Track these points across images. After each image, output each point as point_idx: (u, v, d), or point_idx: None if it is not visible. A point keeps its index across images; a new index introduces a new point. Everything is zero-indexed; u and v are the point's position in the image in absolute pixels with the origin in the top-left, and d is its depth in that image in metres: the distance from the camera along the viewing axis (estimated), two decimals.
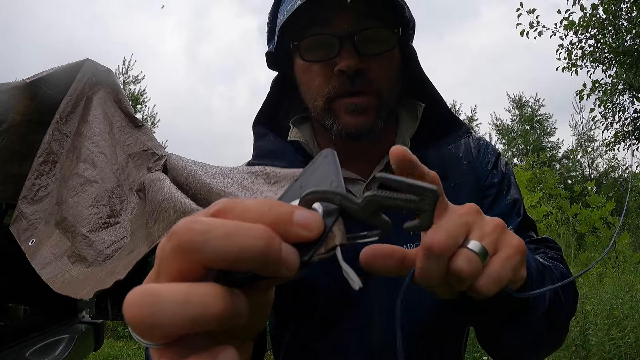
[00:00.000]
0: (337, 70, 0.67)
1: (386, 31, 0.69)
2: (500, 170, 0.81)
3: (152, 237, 0.61)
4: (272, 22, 0.78)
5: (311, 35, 0.69)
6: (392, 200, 0.28)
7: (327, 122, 0.72)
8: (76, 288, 0.65)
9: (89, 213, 0.80)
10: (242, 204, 0.26)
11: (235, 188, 0.46)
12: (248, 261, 0.24)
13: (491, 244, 0.40)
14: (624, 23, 5.72)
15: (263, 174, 0.47)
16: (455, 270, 0.38)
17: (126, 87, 11.21)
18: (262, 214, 0.26)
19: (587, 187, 6.94)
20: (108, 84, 1.08)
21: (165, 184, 0.65)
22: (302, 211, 0.27)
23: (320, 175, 0.31)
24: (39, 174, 0.96)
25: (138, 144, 0.92)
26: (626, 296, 3.48)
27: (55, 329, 2.23)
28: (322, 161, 0.32)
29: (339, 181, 0.30)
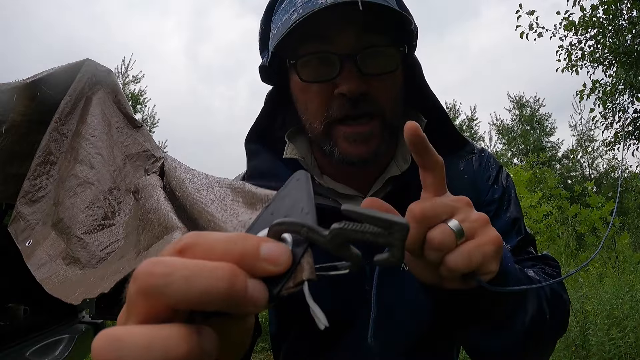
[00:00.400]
0: (337, 93, 0.62)
1: (391, 49, 0.64)
2: (501, 185, 0.78)
3: (139, 246, 0.61)
4: (265, 31, 0.73)
5: (309, 54, 0.63)
6: (360, 233, 0.27)
7: (326, 148, 0.67)
8: (67, 291, 0.65)
9: (84, 215, 0.80)
10: (207, 239, 0.26)
11: (215, 206, 0.46)
12: (212, 303, 0.24)
13: (470, 229, 0.43)
14: (623, 23, 5.71)
15: (242, 191, 0.47)
16: (429, 238, 0.42)
17: (126, 87, 11.22)
18: (227, 250, 0.25)
19: (587, 187, 6.93)
20: (108, 84, 1.08)
21: (155, 192, 0.65)
22: (270, 244, 0.26)
23: (292, 201, 0.30)
24: (37, 174, 0.96)
25: (136, 145, 0.92)
26: (626, 296, 3.48)
27: (55, 329, 2.23)
28: (294, 185, 0.32)
29: (310, 208, 0.29)
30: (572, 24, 5.96)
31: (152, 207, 0.60)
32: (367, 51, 0.62)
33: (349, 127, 0.64)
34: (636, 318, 3.28)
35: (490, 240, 0.44)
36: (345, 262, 0.30)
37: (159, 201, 0.61)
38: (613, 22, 5.75)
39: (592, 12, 5.83)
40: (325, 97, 0.64)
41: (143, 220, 0.62)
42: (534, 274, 0.64)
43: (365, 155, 0.65)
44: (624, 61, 5.63)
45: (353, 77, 0.61)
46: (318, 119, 0.66)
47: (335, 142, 0.66)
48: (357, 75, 0.61)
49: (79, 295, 0.62)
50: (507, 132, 16.39)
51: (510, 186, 0.80)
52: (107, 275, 0.62)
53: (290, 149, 0.75)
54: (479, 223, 0.44)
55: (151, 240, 0.56)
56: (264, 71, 0.74)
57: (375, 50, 0.62)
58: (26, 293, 1.47)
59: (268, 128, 0.79)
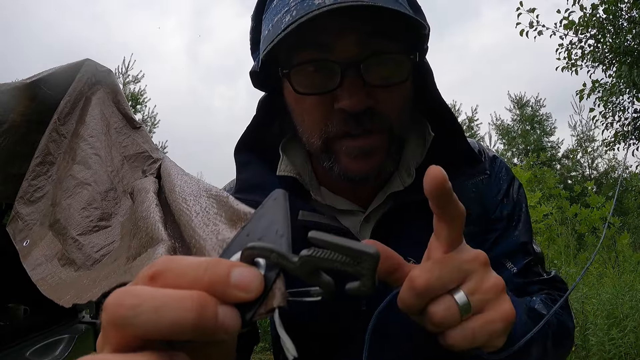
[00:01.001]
0: (338, 108, 0.55)
1: (401, 56, 0.56)
2: (512, 199, 0.71)
3: (129, 252, 0.61)
4: (256, 29, 0.64)
5: (305, 62, 0.55)
6: (329, 262, 0.27)
7: (325, 163, 0.60)
8: (60, 293, 0.64)
9: (81, 216, 0.79)
10: (179, 265, 0.26)
11: (199, 220, 0.46)
12: (182, 332, 0.24)
13: (479, 302, 0.38)
14: (624, 23, 5.71)
15: (225, 205, 0.47)
16: (430, 312, 0.37)
17: (126, 87, 11.21)
18: (197, 277, 0.25)
19: (587, 187, 6.93)
20: (107, 84, 1.08)
21: (148, 197, 0.64)
22: (240, 270, 0.26)
23: (267, 222, 0.30)
24: (36, 174, 0.96)
25: (134, 146, 0.92)
26: (626, 296, 3.48)
27: (55, 329, 2.23)
28: (270, 204, 0.31)
29: (284, 230, 0.28)
30: (572, 23, 5.96)
31: (142, 214, 0.60)
32: (372, 59, 0.53)
33: (352, 140, 0.57)
34: (636, 318, 3.28)
35: (500, 317, 0.39)
36: (318, 289, 0.29)
37: (149, 208, 0.60)
38: (613, 21, 5.75)
39: (592, 11, 5.83)
40: (324, 111, 0.56)
41: (135, 226, 0.62)
42: (542, 305, 0.59)
43: (367, 172, 0.59)
44: (624, 61, 5.63)
45: (356, 89, 0.53)
46: (316, 134, 0.58)
47: (337, 157, 0.59)
48: (361, 86, 0.53)
49: (70, 298, 0.62)
50: (507, 132, 16.38)
51: (521, 199, 0.73)
52: (99, 279, 0.62)
53: (284, 165, 0.67)
54: (491, 294, 0.39)
55: (139, 249, 0.56)
56: (255, 77, 0.66)
57: (382, 57, 0.54)
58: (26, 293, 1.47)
59: (262, 137, 0.72)
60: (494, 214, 0.70)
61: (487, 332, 0.38)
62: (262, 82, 0.67)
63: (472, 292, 0.38)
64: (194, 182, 0.59)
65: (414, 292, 0.37)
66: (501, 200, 0.71)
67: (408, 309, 0.39)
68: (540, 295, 0.65)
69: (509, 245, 0.69)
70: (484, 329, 0.38)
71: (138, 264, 0.54)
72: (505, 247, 0.69)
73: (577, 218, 5.23)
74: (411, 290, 0.37)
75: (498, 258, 0.68)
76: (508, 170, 0.74)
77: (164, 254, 0.50)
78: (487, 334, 0.38)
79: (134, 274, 0.51)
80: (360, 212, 0.68)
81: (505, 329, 0.39)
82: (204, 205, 0.49)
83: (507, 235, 0.69)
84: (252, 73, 0.66)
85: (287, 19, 0.52)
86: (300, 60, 0.55)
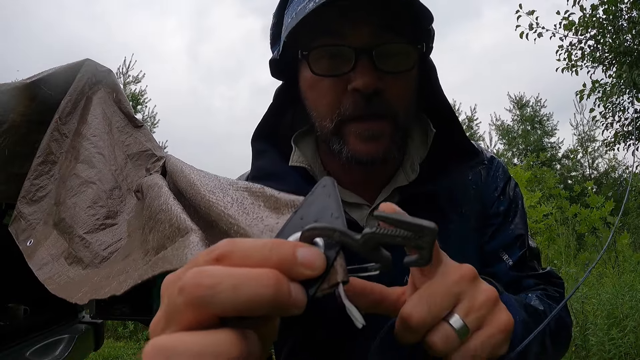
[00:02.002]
0: (351, 89, 0.59)
1: (409, 47, 0.61)
2: (508, 197, 0.75)
3: (147, 245, 0.60)
4: (277, 25, 0.71)
5: (323, 45, 0.60)
6: (391, 237, 0.29)
7: (335, 147, 0.64)
8: (71, 291, 0.64)
9: (87, 214, 0.79)
10: (243, 246, 0.27)
11: (235, 209, 0.46)
12: (259, 308, 0.25)
13: (476, 320, 0.38)
14: (623, 23, 5.71)
15: (263, 195, 0.46)
16: (429, 344, 0.37)
17: (126, 87, 11.21)
18: (265, 257, 0.26)
19: (586, 187, 6.94)
20: (108, 83, 1.08)
21: (163, 191, 0.64)
22: (305, 249, 0.27)
23: (320, 206, 0.32)
24: (38, 174, 0.96)
25: (137, 145, 0.92)
26: (626, 296, 3.48)
27: (55, 329, 2.24)
28: (321, 191, 0.33)
29: (339, 213, 0.31)
30: (572, 23, 5.96)
31: (162, 207, 0.60)
32: (383, 47, 0.59)
33: (362, 123, 0.61)
34: (636, 318, 3.28)
35: (499, 330, 0.38)
36: (376, 264, 0.31)
37: (168, 202, 0.60)
38: (613, 22, 5.76)
39: (592, 12, 5.83)
40: (338, 93, 0.61)
41: (151, 219, 0.61)
42: (538, 302, 0.61)
43: (375, 154, 0.62)
44: (624, 61, 5.63)
45: (368, 71, 0.58)
46: (329, 116, 0.63)
47: (346, 140, 0.63)
48: (373, 70, 0.58)
49: (84, 295, 0.61)
50: (507, 132, 16.39)
51: (517, 197, 0.77)
52: (113, 275, 0.62)
53: (296, 156, 0.72)
54: (486, 308, 0.38)
55: (162, 241, 0.56)
56: (275, 65, 0.72)
57: (392, 46, 0.59)
58: (26, 293, 1.47)
59: (276, 126, 0.76)
60: (491, 210, 0.74)
61: (489, 347, 0.38)
62: (280, 70, 0.72)
63: (467, 313, 0.37)
64: (213, 177, 0.59)
65: (409, 330, 0.37)
66: (498, 197, 0.75)
67: (405, 342, 0.39)
68: (536, 291, 0.67)
69: (505, 238, 0.72)
70: (486, 345, 0.38)
71: (170, 255, 0.52)
72: (501, 240, 0.72)
73: (577, 218, 5.23)
74: (406, 329, 0.37)
75: (494, 250, 0.72)
76: (505, 170, 0.78)
77: (198, 242, 0.49)
78: (489, 348, 0.38)
79: (165, 265, 0.51)
80: (367, 206, 0.71)
81: (506, 339, 0.39)
82: (235, 197, 0.49)
83: (503, 229, 0.73)
84: (271, 61, 0.71)
85: (311, 5, 0.57)
86: (320, 44, 0.61)
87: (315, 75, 0.62)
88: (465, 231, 0.72)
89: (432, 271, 0.38)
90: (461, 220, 0.72)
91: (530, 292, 0.67)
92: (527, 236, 0.74)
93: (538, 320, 0.52)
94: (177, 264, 0.47)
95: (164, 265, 0.51)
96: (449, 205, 0.72)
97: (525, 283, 0.70)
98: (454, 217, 0.72)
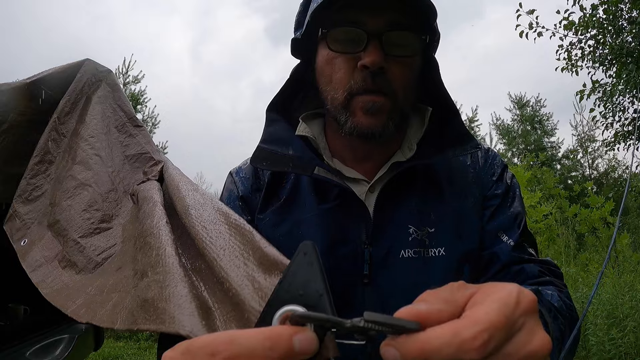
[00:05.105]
0: (361, 65, 0.68)
1: (413, 36, 0.70)
2: (505, 183, 0.81)
3: (136, 265, 0.59)
4: (303, 12, 0.79)
5: (341, 26, 0.70)
6: (377, 331, 0.31)
7: (341, 118, 0.72)
8: (66, 300, 0.63)
9: (81, 218, 0.78)
10: (242, 346, 0.28)
11: (226, 261, 0.46)
12: None
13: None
14: (624, 23, 5.71)
15: (251, 243, 0.46)
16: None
17: (126, 88, 11.21)
18: (268, 356, 0.28)
19: (586, 187, 6.93)
20: (108, 83, 1.08)
21: (156, 211, 0.63)
22: (300, 337, 0.29)
23: (304, 278, 0.34)
24: (34, 173, 0.95)
25: (135, 146, 0.91)
26: (626, 296, 3.48)
27: (55, 329, 2.23)
28: (302, 259, 0.35)
29: (323, 288, 0.33)
30: (572, 23, 5.95)
31: (152, 230, 0.59)
32: (391, 33, 0.68)
33: (368, 96, 0.69)
34: (636, 318, 3.28)
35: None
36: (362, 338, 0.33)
37: (159, 225, 0.60)
38: (613, 22, 5.75)
39: (592, 11, 5.82)
40: (350, 69, 0.70)
41: (141, 237, 0.61)
42: (560, 302, 0.64)
43: (374, 128, 0.70)
44: (624, 62, 5.62)
45: (377, 52, 0.67)
46: (341, 89, 0.71)
47: (353, 112, 0.71)
48: (380, 51, 0.67)
49: (78, 308, 0.60)
50: (508, 132, 16.38)
51: (514, 185, 0.82)
52: (107, 290, 0.60)
53: (302, 128, 0.81)
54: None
55: (145, 267, 0.55)
56: (295, 45, 0.81)
57: (400, 34, 0.68)
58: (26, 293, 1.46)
59: (289, 102, 0.85)
60: (488, 192, 0.80)
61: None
62: (299, 50, 0.82)
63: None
64: (207, 202, 0.59)
65: None
66: (495, 181, 0.81)
67: None
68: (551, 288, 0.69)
69: (504, 220, 0.77)
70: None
71: (144, 287, 0.52)
72: (500, 222, 0.77)
73: (577, 218, 5.23)
74: None
75: (495, 231, 0.77)
76: (501, 159, 0.85)
77: (192, 317, 0.45)
78: None
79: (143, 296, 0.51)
80: (365, 181, 0.78)
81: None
82: (226, 238, 0.49)
83: (502, 211, 0.78)
84: (293, 40, 0.81)
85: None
86: (339, 24, 0.70)
87: (331, 52, 0.72)
88: (464, 211, 0.77)
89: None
90: (460, 200, 0.77)
91: (549, 289, 0.68)
92: (525, 219, 0.79)
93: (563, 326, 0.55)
94: (167, 326, 0.45)
95: (135, 301, 0.51)
96: (449, 187, 0.78)
97: (529, 269, 0.72)
98: (454, 197, 0.77)
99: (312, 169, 0.73)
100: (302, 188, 0.79)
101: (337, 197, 0.75)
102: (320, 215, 0.75)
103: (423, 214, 0.75)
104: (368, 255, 0.72)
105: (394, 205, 0.75)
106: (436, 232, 0.74)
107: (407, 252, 0.72)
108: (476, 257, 0.75)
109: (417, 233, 0.73)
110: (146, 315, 0.49)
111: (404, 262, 0.72)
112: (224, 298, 0.45)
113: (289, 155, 0.76)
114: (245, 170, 0.88)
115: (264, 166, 0.77)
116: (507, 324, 0.31)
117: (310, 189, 0.78)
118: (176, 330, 0.43)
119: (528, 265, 0.73)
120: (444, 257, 0.73)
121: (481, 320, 0.30)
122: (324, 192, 0.77)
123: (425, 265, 0.72)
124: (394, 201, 0.75)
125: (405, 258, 0.72)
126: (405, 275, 0.71)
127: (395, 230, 0.74)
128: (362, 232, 0.73)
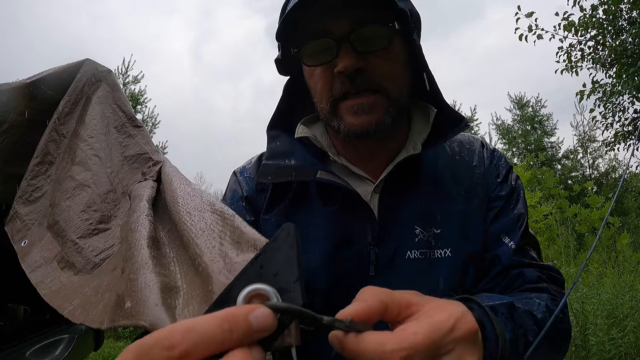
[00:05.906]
0: (336, 72, 0.68)
1: (382, 27, 0.69)
2: (510, 184, 0.80)
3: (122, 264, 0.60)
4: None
5: (310, 40, 0.70)
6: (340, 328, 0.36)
7: (334, 124, 0.73)
8: (63, 301, 0.63)
9: (80, 219, 0.78)
10: (202, 336, 0.28)
11: (204, 240, 0.45)
12: None
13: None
14: (623, 23, 5.70)
15: (231, 225, 0.46)
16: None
17: (126, 88, 11.21)
18: (226, 338, 0.28)
19: (586, 187, 6.93)
20: (108, 83, 1.08)
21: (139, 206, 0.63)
22: (257, 314, 0.30)
23: (281, 260, 0.33)
24: (35, 174, 0.95)
25: (135, 147, 0.91)
26: (626, 296, 3.48)
27: (55, 329, 2.23)
28: (284, 239, 0.34)
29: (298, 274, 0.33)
30: (571, 24, 5.94)
31: (131, 226, 0.60)
32: (359, 31, 0.67)
33: (352, 99, 0.70)
34: (636, 318, 3.28)
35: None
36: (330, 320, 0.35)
37: (139, 220, 0.60)
38: (613, 22, 5.74)
39: (592, 12, 5.82)
40: (328, 78, 0.71)
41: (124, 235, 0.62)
42: (546, 313, 0.61)
43: (367, 126, 0.70)
44: (624, 62, 5.61)
45: (347, 55, 0.67)
46: (325, 98, 0.72)
47: (341, 117, 0.71)
48: (354, 54, 0.67)
49: (75, 309, 0.59)
50: (508, 131, 16.37)
51: (519, 187, 0.82)
52: (102, 290, 0.60)
53: (301, 129, 0.81)
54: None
55: (124, 263, 0.56)
56: (280, 64, 0.82)
57: (368, 29, 0.67)
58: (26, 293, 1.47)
59: (288, 116, 0.85)
60: (493, 193, 0.79)
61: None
62: (285, 68, 0.82)
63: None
64: (197, 194, 0.59)
65: None
66: (500, 183, 0.80)
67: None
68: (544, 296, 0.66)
69: (507, 222, 0.76)
70: None
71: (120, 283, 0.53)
72: (503, 224, 0.77)
73: (577, 218, 5.23)
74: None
75: (497, 233, 0.76)
76: (506, 161, 0.84)
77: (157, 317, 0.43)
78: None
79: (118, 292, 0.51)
80: (370, 181, 0.79)
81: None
82: (209, 222, 0.49)
83: (505, 213, 0.77)
84: (276, 61, 0.81)
85: (289, 6, 0.67)
86: (307, 39, 0.70)
87: (308, 67, 0.73)
88: (469, 212, 0.76)
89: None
90: (466, 201, 0.77)
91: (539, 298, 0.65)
92: (527, 222, 0.78)
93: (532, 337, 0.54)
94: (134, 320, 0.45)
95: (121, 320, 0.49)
96: (455, 187, 0.78)
97: (528, 274, 0.71)
98: (459, 198, 0.77)
99: (314, 174, 0.74)
100: (307, 190, 0.79)
101: (342, 199, 0.75)
102: (325, 216, 0.75)
103: (429, 215, 0.75)
104: (374, 256, 0.72)
105: (399, 205, 0.75)
106: (442, 233, 0.73)
107: (414, 252, 0.72)
108: (480, 259, 0.75)
109: (423, 234, 0.73)
110: (119, 311, 0.49)
111: (410, 263, 0.72)
112: (194, 277, 0.45)
113: (290, 166, 0.76)
114: (249, 170, 0.88)
115: (268, 180, 0.77)
116: (431, 347, 0.37)
117: (315, 191, 0.78)
118: (137, 322, 0.43)
119: (528, 270, 0.72)
120: (450, 259, 0.72)
121: (406, 339, 0.36)
122: (329, 194, 0.77)
123: (431, 266, 0.72)
124: (399, 202, 0.75)
125: (412, 259, 0.72)
126: (411, 276, 0.71)
127: (401, 230, 0.74)
128: (367, 233, 0.73)
